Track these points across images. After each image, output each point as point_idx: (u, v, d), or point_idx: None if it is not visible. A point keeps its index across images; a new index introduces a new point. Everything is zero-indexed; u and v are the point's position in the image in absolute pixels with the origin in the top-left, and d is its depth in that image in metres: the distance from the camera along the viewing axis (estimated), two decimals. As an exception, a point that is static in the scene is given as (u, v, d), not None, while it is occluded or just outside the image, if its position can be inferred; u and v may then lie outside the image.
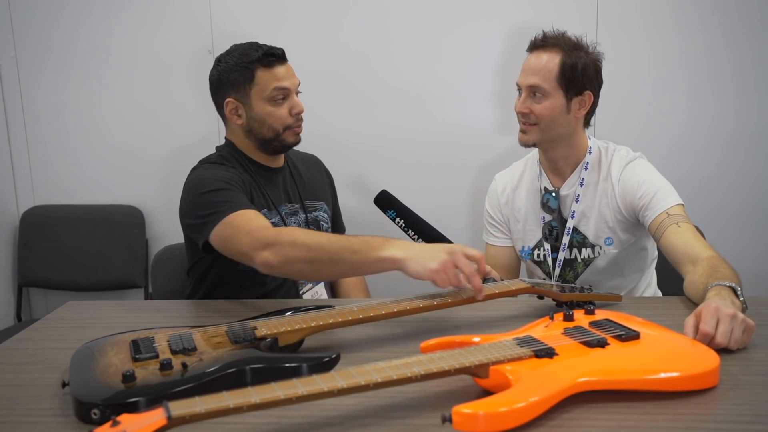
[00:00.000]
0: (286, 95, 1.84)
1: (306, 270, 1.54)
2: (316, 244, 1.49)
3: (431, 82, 2.63)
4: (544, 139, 1.84)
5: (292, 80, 1.85)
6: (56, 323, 1.61)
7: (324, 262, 1.48)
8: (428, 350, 1.19)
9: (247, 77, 1.82)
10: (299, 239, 1.50)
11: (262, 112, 1.83)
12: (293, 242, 1.50)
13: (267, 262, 1.52)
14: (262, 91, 1.82)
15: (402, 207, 1.72)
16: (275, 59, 1.83)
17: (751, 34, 2.50)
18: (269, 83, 1.81)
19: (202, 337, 1.24)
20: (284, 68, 1.85)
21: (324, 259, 1.47)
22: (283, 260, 1.50)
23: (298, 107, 1.85)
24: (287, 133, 1.85)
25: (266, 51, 1.83)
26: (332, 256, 1.47)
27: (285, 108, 1.84)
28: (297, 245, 1.49)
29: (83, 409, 1.04)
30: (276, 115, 1.83)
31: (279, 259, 1.50)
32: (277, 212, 1.88)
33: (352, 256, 1.45)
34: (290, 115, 1.84)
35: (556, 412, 1.03)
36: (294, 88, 1.86)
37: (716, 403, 1.08)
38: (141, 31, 2.68)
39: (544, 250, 1.93)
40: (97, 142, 2.77)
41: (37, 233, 2.79)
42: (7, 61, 2.73)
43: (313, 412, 1.06)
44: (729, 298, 1.35)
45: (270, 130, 1.84)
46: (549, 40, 1.81)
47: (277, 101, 1.83)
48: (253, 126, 1.85)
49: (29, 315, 2.91)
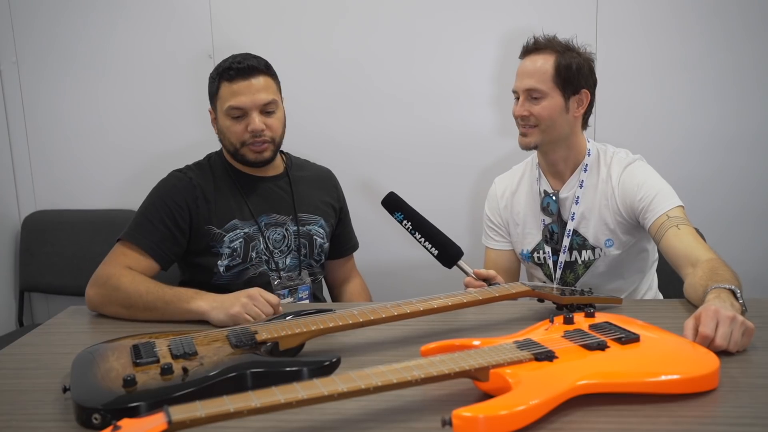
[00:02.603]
0: (242, 113, 1.81)
1: (123, 313, 1.65)
2: (135, 293, 1.64)
3: (433, 87, 2.63)
4: (545, 141, 1.84)
5: (253, 97, 1.79)
6: (58, 328, 1.62)
7: (139, 308, 1.62)
8: (428, 354, 1.20)
9: (214, 89, 1.86)
10: (122, 286, 1.65)
11: (223, 125, 1.86)
12: (117, 287, 1.66)
13: (90, 298, 1.69)
14: (222, 105, 1.83)
15: (410, 210, 1.72)
16: (235, 73, 1.80)
17: (753, 35, 2.50)
18: (227, 99, 1.82)
19: (203, 342, 1.25)
20: (246, 84, 1.80)
21: (140, 306, 1.62)
22: (103, 301, 1.67)
23: (252, 125, 1.80)
24: (245, 149, 1.84)
25: (229, 65, 1.81)
26: (147, 305, 1.62)
27: (242, 124, 1.82)
28: (120, 290, 1.65)
29: (84, 414, 1.04)
30: (231, 131, 1.83)
31: (99, 299, 1.68)
32: (255, 222, 1.88)
33: (164, 306, 1.61)
34: (246, 132, 1.82)
35: (556, 415, 1.04)
36: (253, 106, 1.80)
37: (716, 405, 1.09)
38: (142, 37, 2.68)
39: (544, 252, 1.93)
40: (98, 147, 2.77)
41: (39, 238, 2.79)
42: (9, 66, 2.74)
43: (314, 416, 1.06)
44: (728, 301, 1.35)
45: (230, 144, 1.86)
46: (541, 43, 1.83)
47: (234, 117, 1.82)
48: (220, 137, 1.90)
49: (31, 320, 2.91)
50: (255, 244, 1.87)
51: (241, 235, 1.86)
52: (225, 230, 1.85)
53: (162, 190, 1.86)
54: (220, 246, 1.84)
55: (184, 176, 1.88)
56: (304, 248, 1.94)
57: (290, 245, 1.92)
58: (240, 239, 1.86)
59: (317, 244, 1.96)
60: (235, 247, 1.85)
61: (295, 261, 1.92)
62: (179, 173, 1.90)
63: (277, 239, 1.90)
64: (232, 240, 1.85)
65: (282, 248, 1.88)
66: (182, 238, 1.83)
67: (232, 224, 1.85)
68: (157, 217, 1.80)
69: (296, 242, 1.92)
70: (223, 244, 1.84)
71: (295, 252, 1.92)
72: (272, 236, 1.89)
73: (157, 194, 1.85)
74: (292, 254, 1.92)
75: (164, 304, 1.61)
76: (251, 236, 1.87)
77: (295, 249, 1.92)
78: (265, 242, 1.87)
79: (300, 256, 1.93)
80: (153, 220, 1.80)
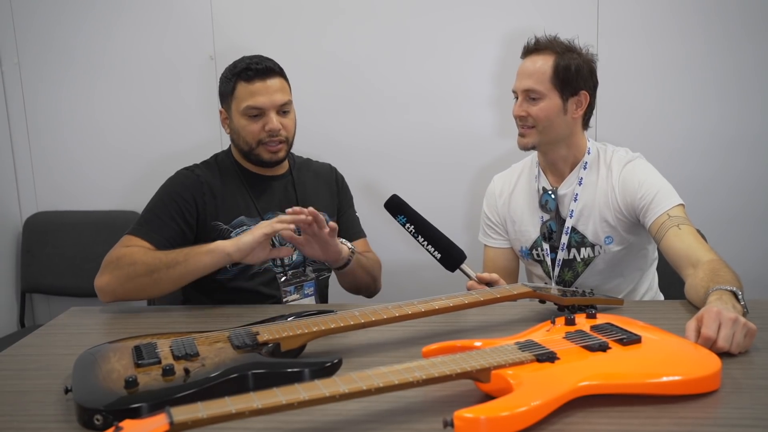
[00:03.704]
0: (259, 113, 1.84)
1: (146, 283, 1.66)
2: (153, 258, 1.67)
3: (434, 88, 2.64)
4: (543, 141, 1.84)
5: (271, 97, 1.82)
6: (59, 329, 1.62)
7: (162, 269, 1.65)
8: (430, 355, 1.20)
9: (230, 89, 1.86)
10: (138, 259, 1.67)
11: (238, 125, 1.86)
12: (133, 262, 1.67)
13: (105, 286, 1.68)
14: (238, 105, 1.85)
15: (412, 213, 1.71)
16: (253, 74, 1.82)
17: (754, 36, 2.50)
18: (244, 99, 1.83)
19: (205, 343, 1.25)
20: (264, 84, 1.82)
21: (162, 266, 1.65)
22: (121, 281, 1.67)
23: (270, 125, 1.83)
24: (260, 148, 1.86)
25: (246, 65, 1.83)
26: (168, 263, 1.65)
27: (259, 124, 1.84)
28: (137, 263, 1.66)
29: (86, 415, 1.04)
30: (248, 130, 1.85)
31: (116, 281, 1.67)
32: (261, 219, 1.88)
33: (185, 258, 1.65)
34: (263, 131, 1.84)
35: (557, 416, 1.04)
36: (271, 106, 1.83)
37: (718, 406, 1.08)
38: (144, 38, 2.69)
39: (542, 250, 1.93)
40: (99, 148, 2.78)
41: (40, 239, 2.79)
42: (10, 68, 2.74)
43: (316, 417, 1.07)
44: (730, 303, 1.35)
45: (245, 143, 1.87)
46: (541, 44, 1.83)
47: (252, 117, 1.84)
48: (234, 137, 1.91)
49: (32, 321, 2.91)
50: None
51: None
52: (232, 226, 1.86)
53: (170, 187, 1.87)
54: None
55: (192, 173, 1.89)
56: None
57: None
58: None
59: None
60: None
61: (300, 257, 1.93)
62: (187, 171, 1.91)
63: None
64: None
65: (287, 245, 1.88)
66: (190, 233, 1.83)
67: (238, 221, 1.87)
68: (165, 212, 1.81)
69: None
70: None
71: None
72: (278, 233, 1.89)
73: (165, 190, 1.86)
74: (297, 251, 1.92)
75: (185, 256, 1.65)
76: None
77: None
78: (271, 239, 1.87)
79: None
80: (162, 216, 1.80)
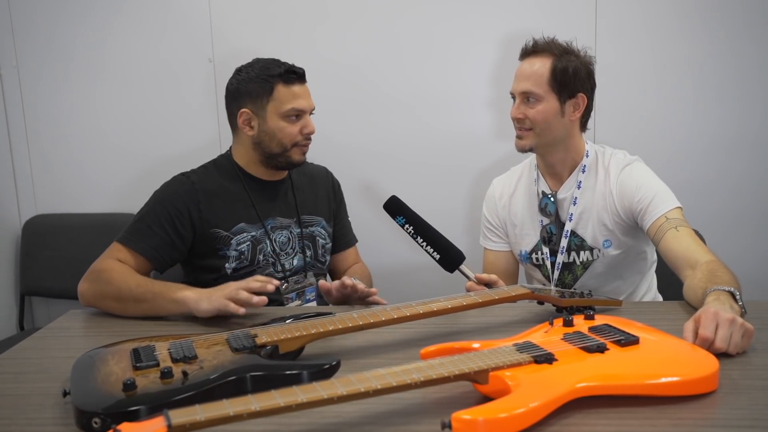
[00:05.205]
0: (300, 115, 1.87)
1: (114, 307, 1.68)
2: (126, 287, 1.66)
3: (432, 90, 2.64)
4: (540, 144, 1.85)
5: (309, 101, 1.90)
6: (58, 332, 1.62)
7: (130, 302, 1.65)
8: (428, 357, 1.20)
9: (266, 90, 1.85)
10: (114, 281, 1.68)
11: (275, 126, 1.86)
12: (108, 281, 1.68)
13: (82, 293, 1.71)
14: (278, 107, 1.86)
15: (411, 214, 1.71)
16: (296, 77, 1.87)
17: (753, 38, 2.50)
18: (287, 101, 1.85)
19: (203, 345, 1.25)
20: (302, 88, 1.89)
21: (130, 299, 1.65)
22: (95, 295, 1.69)
23: (309, 127, 1.89)
24: (294, 150, 1.89)
25: (288, 68, 1.87)
26: (137, 297, 1.64)
27: (297, 126, 1.88)
28: (111, 285, 1.68)
29: (84, 418, 1.04)
30: (287, 132, 1.87)
31: (92, 293, 1.70)
32: (262, 225, 1.90)
33: (153, 298, 1.63)
34: (300, 134, 1.88)
35: (555, 417, 1.04)
36: (309, 108, 1.90)
37: (716, 407, 1.09)
38: (142, 41, 2.69)
39: (542, 253, 1.93)
40: (98, 150, 2.78)
41: (40, 242, 2.79)
42: (9, 70, 2.74)
43: (314, 419, 1.07)
44: (728, 303, 1.35)
45: (278, 145, 1.87)
46: (539, 46, 1.83)
47: (290, 119, 1.87)
48: (263, 139, 1.89)
49: (31, 324, 2.91)
50: (262, 247, 1.89)
51: (248, 239, 1.88)
52: (232, 233, 1.86)
53: (163, 195, 1.87)
54: (227, 248, 1.86)
55: (187, 180, 1.89)
56: (309, 249, 1.97)
57: (295, 247, 1.94)
58: (247, 242, 1.87)
59: (320, 244, 2.00)
60: (242, 250, 1.87)
61: (301, 263, 1.95)
62: (182, 177, 1.91)
63: (283, 242, 1.92)
64: (239, 243, 1.87)
65: (288, 250, 1.90)
66: (182, 244, 1.84)
67: (239, 227, 1.87)
68: (156, 222, 1.81)
69: (300, 244, 1.95)
70: (230, 247, 1.86)
71: (300, 254, 1.95)
72: (278, 239, 1.92)
73: (158, 199, 1.86)
74: (297, 256, 1.94)
75: (153, 296, 1.63)
76: (258, 239, 1.89)
77: (300, 251, 1.95)
78: (272, 245, 1.90)
79: (305, 258, 1.96)
80: (152, 225, 1.81)
